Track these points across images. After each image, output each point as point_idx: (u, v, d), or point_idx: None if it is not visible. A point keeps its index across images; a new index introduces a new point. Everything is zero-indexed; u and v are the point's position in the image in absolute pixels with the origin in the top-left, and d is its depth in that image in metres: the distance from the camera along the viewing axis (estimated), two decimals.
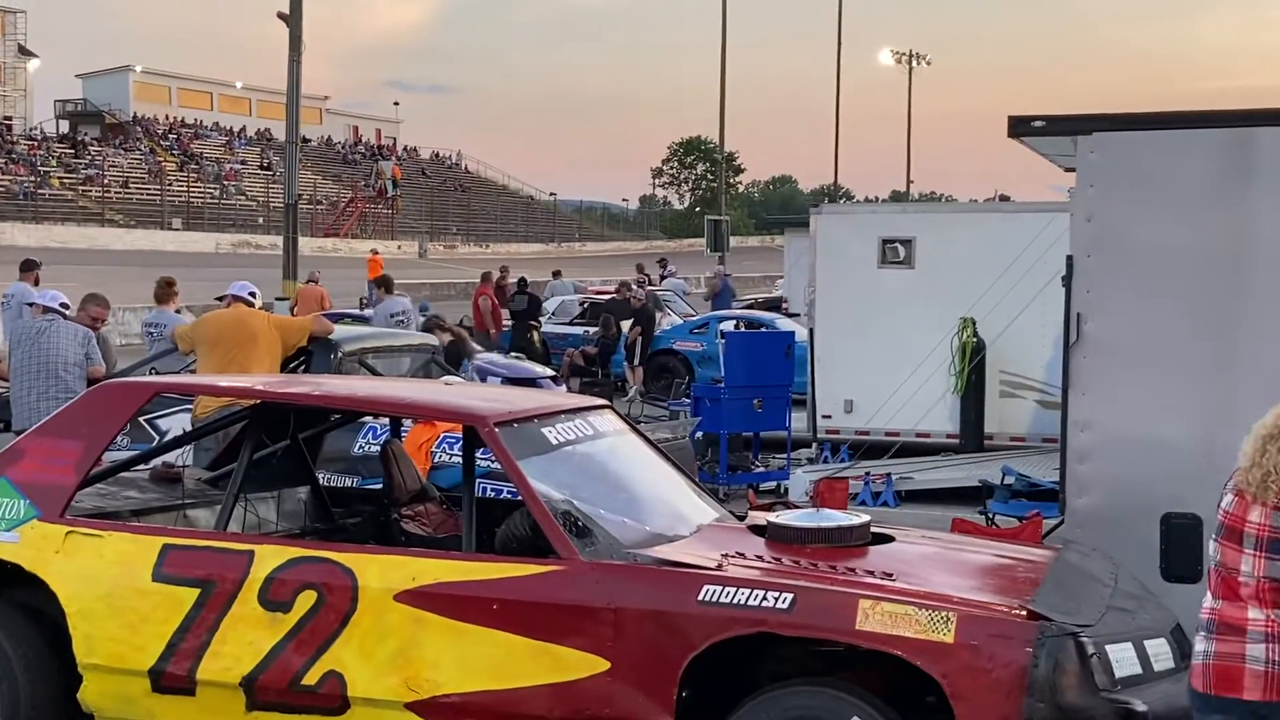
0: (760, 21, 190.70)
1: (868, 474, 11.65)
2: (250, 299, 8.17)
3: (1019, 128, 6.72)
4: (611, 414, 5.70)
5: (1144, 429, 6.50)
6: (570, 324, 22.89)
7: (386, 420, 7.90)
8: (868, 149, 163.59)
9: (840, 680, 4.41)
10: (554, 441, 5.08)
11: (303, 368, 8.11)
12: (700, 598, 4.36)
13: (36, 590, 5.03)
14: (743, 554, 4.72)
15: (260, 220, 58.88)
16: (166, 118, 73.71)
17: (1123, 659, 4.33)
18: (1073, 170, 7.49)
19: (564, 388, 16.47)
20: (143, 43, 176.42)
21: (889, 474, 11.71)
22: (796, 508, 8.03)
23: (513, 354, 18.22)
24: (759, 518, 5.30)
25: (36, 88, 73.33)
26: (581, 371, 20.11)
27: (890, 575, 4.52)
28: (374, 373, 8.36)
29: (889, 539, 5.04)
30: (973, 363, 13.59)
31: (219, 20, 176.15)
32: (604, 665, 4.41)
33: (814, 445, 14.23)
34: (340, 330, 8.57)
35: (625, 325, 20.25)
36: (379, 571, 4.68)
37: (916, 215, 15.37)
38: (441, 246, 62.47)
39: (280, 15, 23.63)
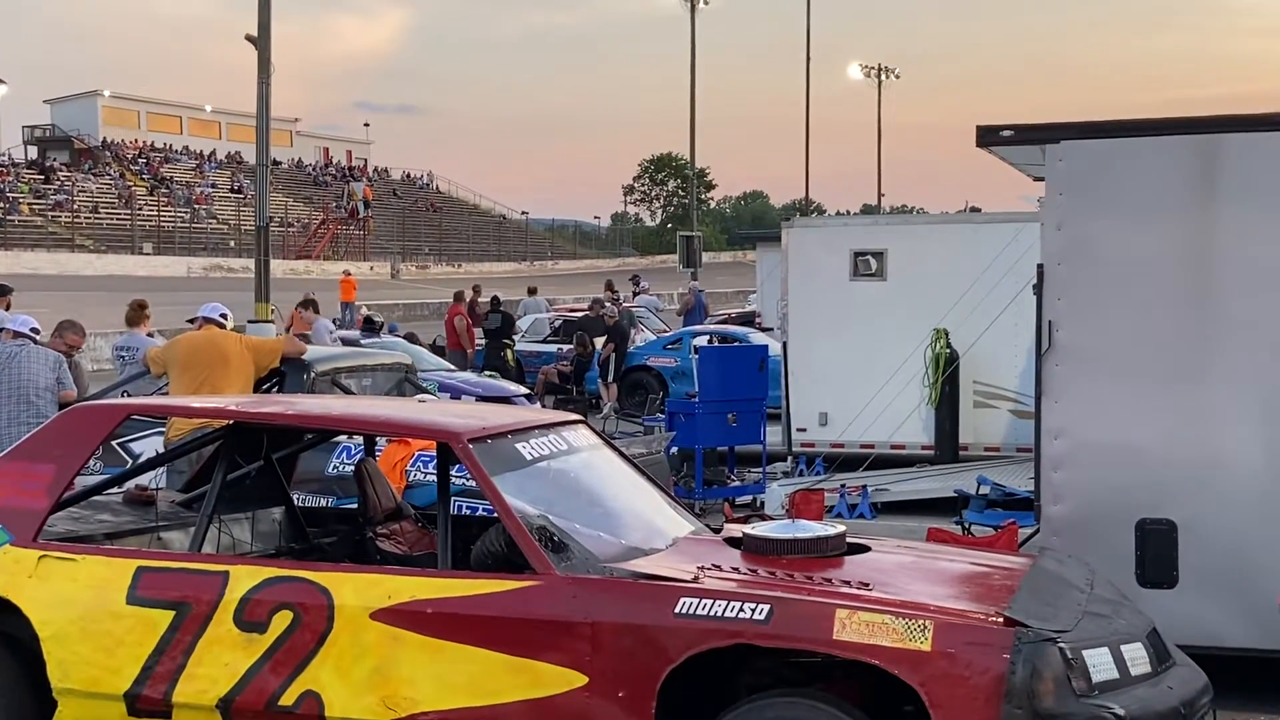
0: (730, 37, 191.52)
1: (843, 486, 11.68)
2: (221, 320, 8.12)
3: (987, 137, 6.77)
4: (585, 429, 5.69)
5: (1117, 436, 6.54)
6: (544, 342, 22.89)
7: (360, 439, 7.88)
8: (839, 163, 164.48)
9: (818, 690, 4.42)
10: (528, 457, 5.07)
11: (276, 388, 8.07)
12: (677, 610, 4.35)
13: (9, 615, 4.97)
14: (719, 566, 4.72)
15: (232, 243, 58.65)
16: (136, 142, 73.38)
17: (1100, 664, 4.34)
18: (1042, 179, 7.55)
19: (539, 405, 16.47)
20: (111, 67, 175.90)
21: (865, 486, 11.75)
22: (772, 520, 8.05)
23: (487, 372, 18.22)
24: (735, 530, 5.30)
25: (4, 114, 73.18)
26: (556, 389, 20.12)
27: (866, 585, 4.52)
28: (347, 392, 8.34)
29: (865, 549, 5.04)
30: (946, 374, 13.66)
31: (187, 44, 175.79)
32: (582, 680, 4.40)
33: (789, 458, 14.26)
34: (313, 350, 8.55)
35: (599, 342, 20.27)
36: (355, 590, 4.65)
37: (888, 227, 15.45)
38: (414, 267, 62.37)
39: (249, 37, 23.54)
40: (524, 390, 16.80)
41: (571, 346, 20.77)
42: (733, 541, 5.12)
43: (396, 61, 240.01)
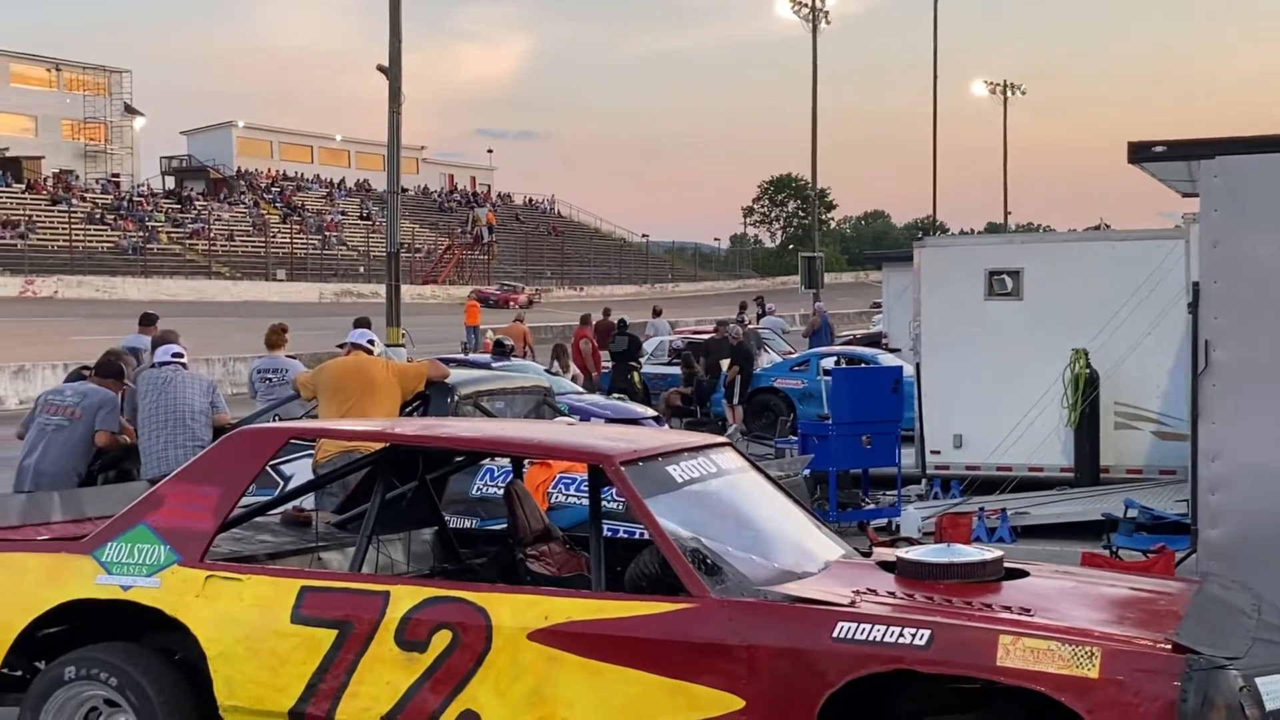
0: (847, 57, 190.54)
1: (982, 509, 11.50)
2: (369, 347, 8.28)
3: (1139, 154, 6.64)
4: (733, 451, 5.69)
5: (1278, 457, 6.35)
6: (669, 364, 22.92)
7: (505, 462, 7.97)
8: (962, 181, 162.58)
9: (981, 717, 4.35)
10: (679, 479, 5.08)
11: (420, 411, 8.22)
12: (835, 635, 4.32)
13: (176, 634, 5.12)
14: (875, 590, 4.68)
15: (361, 269, 59.94)
16: (269, 171, 75.43)
17: (1273, 692, 4.20)
18: (1191, 196, 7.38)
19: (666, 427, 16.49)
20: (244, 99, 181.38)
21: (1004, 509, 11.55)
22: (920, 544, 7.95)
23: (615, 395, 18.30)
24: (887, 554, 5.25)
25: (143, 145, 75.67)
26: (681, 411, 20.13)
27: (1028, 610, 4.45)
28: (489, 415, 8.45)
29: (1023, 573, 4.96)
30: (1086, 395, 13.39)
31: (316, 75, 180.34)
32: (739, 704, 4.40)
33: (923, 481, 14.08)
34: (456, 374, 8.67)
35: (724, 364, 20.23)
36: (512, 610, 4.70)
37: (1023, 245, 15.18)
38: (537, 290, 63.06)
39: (380, 68, 24.05)
40: (652, 412, 16.84)
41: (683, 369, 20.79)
42: (886, 565, 5.08)
43: (517, 88, 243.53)
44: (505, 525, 7.36)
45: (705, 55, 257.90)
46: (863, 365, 19.49)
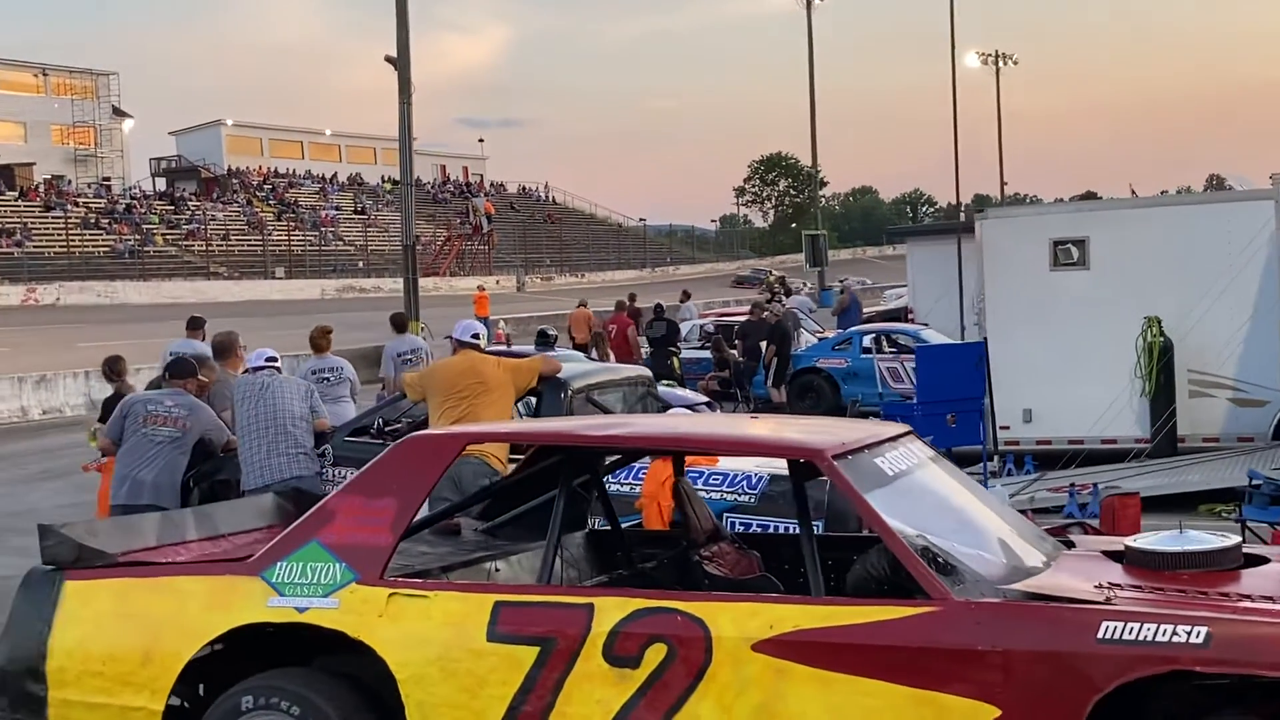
0: (831, 31, 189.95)
1: (1073, 485, 11.25)
2: (474, 342, 7.85)
3: None
4: (918, 440, 5.41)
5: None
6: (701, 348, 22.65)
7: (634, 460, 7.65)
8: (950, 153, 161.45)
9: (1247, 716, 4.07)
10: (890, 472, 4.80)
11: (535, 408, 7.90)
12: (1100, 635, 4.04)
13: (354, 657, 4.81)
14: (1117, 584, 4.40)
15: (360, 264, 59.43)
16: (260, 169, 74.73)
17: None
18: None
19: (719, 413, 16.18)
20: (231, 96, 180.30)
21: (1094, 483, 11.29)
22: (1093, 528, 7.67)
23: (664, 382, 17.99)
24: (1106, 542, 4.98)
25: (132, 147, 74.89)
26: (720, 397, 19.84)
27: None
28: (602, 409, 8.14)
29: (1263, 560, 4.69)
30: (1161, 363, 13.17)
31: (304, 70, 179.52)
32: (994, 712, 4.11)
33: (995, 458, 13.84)
34: (566, 369, 8.32)
35: (763, 346, 19.96)
36: (732, 620, 4.40)
37: (1089, 214, 14.96)
38: (538, 279, 62.65)
39: (388, 59, 23.79)
40: (704, 398, 16.55)
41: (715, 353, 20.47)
42: (1112, 555, 4.80)
43: (496, 76, 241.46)
44: (634, 522, 7.08)
45: (686, 37, 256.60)
46: (906, 341, 19.23)
